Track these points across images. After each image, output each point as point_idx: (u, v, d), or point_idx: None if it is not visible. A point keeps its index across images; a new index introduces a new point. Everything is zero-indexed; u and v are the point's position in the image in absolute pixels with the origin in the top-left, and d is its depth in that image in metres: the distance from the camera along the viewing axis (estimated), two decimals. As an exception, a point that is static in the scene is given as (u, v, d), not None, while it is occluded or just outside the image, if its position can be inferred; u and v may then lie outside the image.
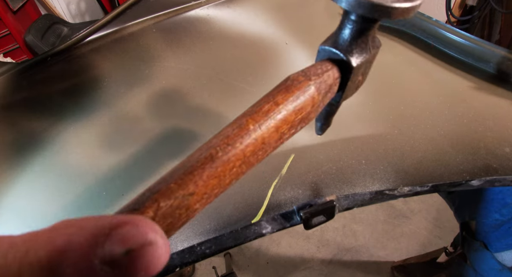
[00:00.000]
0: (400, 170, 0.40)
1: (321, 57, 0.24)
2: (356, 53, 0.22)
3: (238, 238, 0.37)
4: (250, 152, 0.18)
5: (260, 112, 0.19)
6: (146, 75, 0.61)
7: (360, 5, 0.19)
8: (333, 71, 0.22)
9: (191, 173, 0.16)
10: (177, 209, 0.16)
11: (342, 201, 0.38)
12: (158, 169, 0.45)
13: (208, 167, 0.17)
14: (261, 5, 0.75)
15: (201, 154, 0.17)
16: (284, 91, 0.20)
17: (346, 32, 0.22)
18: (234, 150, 0.18)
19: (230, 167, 0.17)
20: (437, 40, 0.58)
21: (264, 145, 0.19)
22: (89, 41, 0.69)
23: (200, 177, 0.16)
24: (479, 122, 0.45)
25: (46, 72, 0.65)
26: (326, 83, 0.22)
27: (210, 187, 0.17)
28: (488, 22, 1.95)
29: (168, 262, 0.36)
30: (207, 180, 0.17)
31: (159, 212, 0.15)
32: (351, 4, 0.19)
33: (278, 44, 0.64)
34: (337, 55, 0.22)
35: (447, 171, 0.39)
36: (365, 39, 0.22)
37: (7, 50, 1.78)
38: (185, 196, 0.16)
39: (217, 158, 0.17)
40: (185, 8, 0.75)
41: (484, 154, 0.41)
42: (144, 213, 0.15)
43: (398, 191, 0.38)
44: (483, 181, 0.38)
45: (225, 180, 0.18)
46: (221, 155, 0.17)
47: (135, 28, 0.72)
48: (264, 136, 0.19)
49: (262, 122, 0.19)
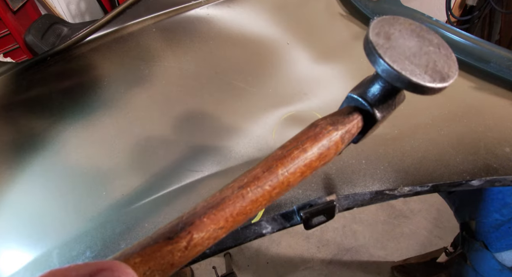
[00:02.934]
0: (400, 170, 0.40)
1: (348, 103, 0.25)
2: (382, 107, 0.23)
3: (238, 238, 0.37)
4: (276, 193, 0.20)
5: (289, 157, 0.20)
6: (146, 75, 0.61)
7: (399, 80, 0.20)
8: (358, 121, 0.24)
9: (223, 210, 0.18)
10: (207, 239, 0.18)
11: (342, 201, 0.38)
12: (158, 169, 0.45)
13: (239, 206, 0.18)
14: (261, 5, 0.75)
15: (232, 192, 0.19)
16: (312, 139, 0.21)
17: (376, 87, 0.23)
18: (262, 191, 0.19)
19: (257, 205, 0.19)
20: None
21: (288, 186, 0.20)
22: (89, 41, 0.69)
23: (231, 214, 0.18)
24: (479, 122, 0.45)
25: (46, 72, 0.65)
26: (351, 132, 0.23)
27: (237, 222, 0.19)
28: (488, 22, 1.95)
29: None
30: (236, 216, 0.18)
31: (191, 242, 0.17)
32: (390, 76, 0.20)
33: (278, 43, 0.64)
34: (365, 107, 0.24)
35: (447, 171, 0.39)
36: (393, 97, 0.23)
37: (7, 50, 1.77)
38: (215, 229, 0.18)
39: (247, 197, 0.19)
40: (185, 7, 0.75)
41: (484, 154, 0.41)
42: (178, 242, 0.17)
43: (398, 191, 0.38)
44: (483, 181, 0.38)
45: (250, 214, 0.19)
46: (251, 195, 0.19)
47: (135, 27, 0.72)
48: (290, 180, 0.20)
49: (290, 167, 0.20)
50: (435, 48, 0.19)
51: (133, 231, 0.39)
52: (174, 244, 0.17)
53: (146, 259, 0.16)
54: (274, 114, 0.49)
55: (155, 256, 0.16)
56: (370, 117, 0.23)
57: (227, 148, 0.46)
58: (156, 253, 0.16)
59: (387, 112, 0.23)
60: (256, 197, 0.19)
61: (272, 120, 0.48)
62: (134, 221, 0.40)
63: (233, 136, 0.47)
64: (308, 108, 0.50)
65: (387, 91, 0.23)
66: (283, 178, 0.20)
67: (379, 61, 0.19)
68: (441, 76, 0.19)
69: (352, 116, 0.23)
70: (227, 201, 0.18)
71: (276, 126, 0.47)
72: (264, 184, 0.19)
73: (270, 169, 0.20)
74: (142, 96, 0.57)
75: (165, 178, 0.44)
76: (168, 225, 0.18)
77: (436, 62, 0.19)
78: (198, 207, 0.18)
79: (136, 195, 0.42)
